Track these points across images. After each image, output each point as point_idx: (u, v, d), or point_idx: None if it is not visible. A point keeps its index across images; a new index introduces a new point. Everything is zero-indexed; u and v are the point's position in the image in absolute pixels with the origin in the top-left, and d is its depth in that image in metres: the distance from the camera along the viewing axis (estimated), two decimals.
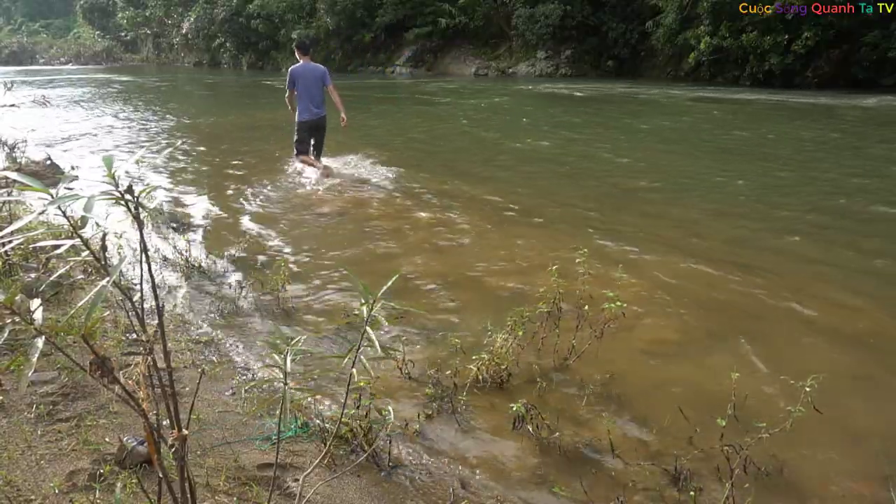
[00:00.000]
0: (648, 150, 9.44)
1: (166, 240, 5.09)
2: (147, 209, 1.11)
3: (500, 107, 16.21)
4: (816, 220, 5.76)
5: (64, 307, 3.36)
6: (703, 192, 6.85)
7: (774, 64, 19.55)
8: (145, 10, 46.24)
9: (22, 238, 1.16)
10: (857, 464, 2.43)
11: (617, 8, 25.63)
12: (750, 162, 8.38)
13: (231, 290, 4.06)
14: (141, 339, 1.22)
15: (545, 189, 7.02)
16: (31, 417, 2.31)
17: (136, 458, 2.03)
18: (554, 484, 2.30)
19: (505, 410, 2.68)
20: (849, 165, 8.18)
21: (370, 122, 12.83)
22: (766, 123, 12.15)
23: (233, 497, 2.01)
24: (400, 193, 6.82)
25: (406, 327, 3.55)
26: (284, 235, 5.38)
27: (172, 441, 1.28)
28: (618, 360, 3.16)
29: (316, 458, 2.22)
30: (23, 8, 70.11)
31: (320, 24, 32.80)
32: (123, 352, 2.90)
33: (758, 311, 3.77)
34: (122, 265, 1.09)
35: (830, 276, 4.35)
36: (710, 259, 4.65)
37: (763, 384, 2.93)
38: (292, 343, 1.43)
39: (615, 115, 14.13)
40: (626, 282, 3.78)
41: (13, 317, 1.06)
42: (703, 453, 2.43)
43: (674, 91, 19.08)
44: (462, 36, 30.58)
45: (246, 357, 3.17)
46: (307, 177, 7.46)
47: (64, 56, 50.70)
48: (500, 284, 4.21)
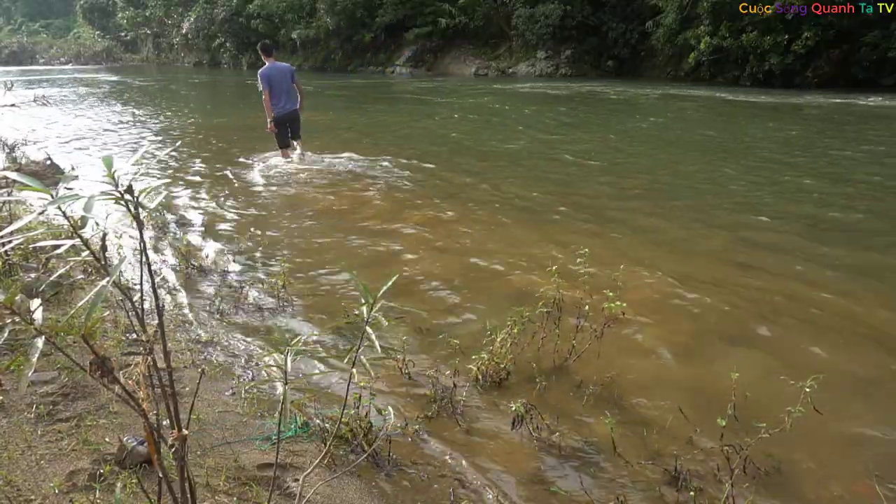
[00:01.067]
0: (647, 151, 9.44)
1: (166, 239, 5.09)
2: (147, 209, 1.11)
3: (500, 107, 16.20)
4: (813, 219, 5.77)
5: (64, 307, 3.36)
6: (704, 192, 6.84)
7: (774, 64, 19.56)
8: (145, 10, 46.27)
9: (22, 238, 1.16)
10: (858, 464, 2.43)
11: (617, 8, 25.64)
12: (755, 161, 8.38)
13: (231, 290, 4.06)
14: (141, 339, 1.22)
15: (545, 189, 7.02)
16: (31, 417, 2.31)
17: (136, 458, 2.03)
18: (554, 484, 2.30)
19: (505, 410, 2.68)
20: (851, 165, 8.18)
21: (369, 121, 12.83)
22: (791, 124, 12.15)
23: (233, 497, 2.01)
24: (399, 193, 6.82)
25: (406, 327, 3.55)
26: (284, 235, 5.39)
27: (172, 441, 1.29)
28: (617, 360, 3.16)
29: (316, 458, 2.22)
30: (23, 8, 70.15)
31: (320, 24, 32.81)
32: (123, 352, 2.90)
33: (757, 312, 3.77)
34: (122, 265, 1.09)
35: (830, 276, 4.35)
36: (709, 259, 4.65)
37: (763, 384, 2.93)
38: (292, 343, 1.43)
39: (616, 116, 14.14)
40: (626, 282, 3.78)
41: (13, 317, 1.06)
42: (703, 453, 2.43)
43: (671, 91, 19.10)
44: (462, 36, 30.59)
45: (246, 357, 3.17)
46: (290, 161, 8.16)
47: (64, 56, 50.74)
48: (499, 284, 4.22)
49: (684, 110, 14.52)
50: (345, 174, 7.77)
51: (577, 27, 25.90)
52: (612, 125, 12.56)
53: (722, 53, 20.99)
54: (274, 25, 35.37)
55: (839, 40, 18.87)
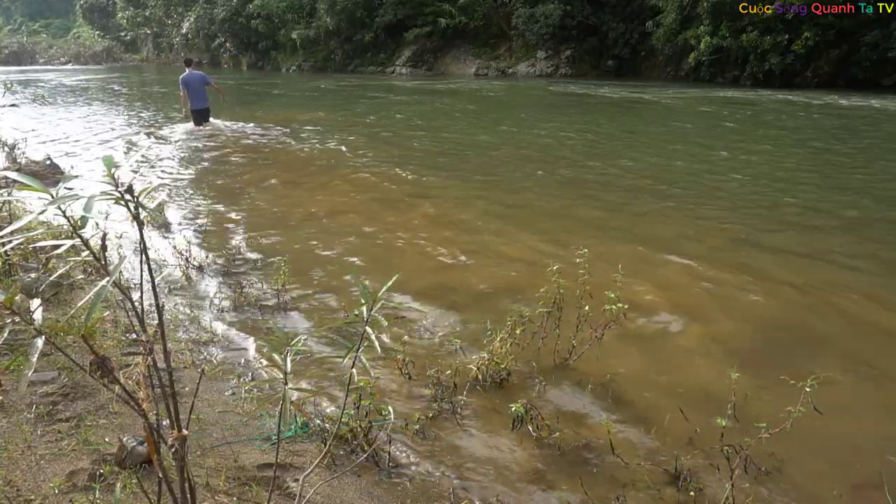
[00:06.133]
0: (649, 149, 9.44)
1: (166, 239, 5.09)
2: (147, 209, 1.11)
3: (502, 105, 16.20)
4: (809, 219, 5.77)
5: (64, 307, 3.36)
6: (702, 192, 6.84)
7: (774, 64, 19.58)
8: (145, 10, 46.28)
9: (22, 238, 1.16)
10: (857, 464, 2.43)
11: (617, 8, 25.66)
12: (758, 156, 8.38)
13: (231, 290, 4.05)
14: (141, 339, 1.22)
15: (545, 188, 7.01)
16: (31, 417, 2.31)
17: (136, 458, 2.03)
18: (554, 483, 2.30)
19: (505, 410, 2.68)
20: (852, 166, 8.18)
21: (367, 121, 12.83)
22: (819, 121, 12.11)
23: (233, 497, 2.01)
24: (398, 192, 6.82)
25: (406, 327, 3.55)
26: (284, 234, 5.38)
27: (172, 441, 1.28)
28: (617, 360, 3.16)
29: (316, 458, 2.22)
30: (23, 8, 70.15)
31: (320, 24, 32.81)
32: (123, 352, 2.90)
33: (757, 311, 3.77)
34: (122, 265, 1.09)
35: (830, 275, 4.35)
36: (709, 259, 4.65)
37: (763, 384, 2.93)
38: (292, 343, 1.43)
39: (612, 115, 14.14)
40: (626, 282, 3.77)
41: (13, 317, 1.06)
42: (703, 453, 2.43)
43: (667, 91, 19.09)
44: (462, 36, 30.60)
45: (246, 357, 3.17)
46: (200, 130, 11.11)
47: (64, 56, 50.73)
48: (500, 284, 4.21)
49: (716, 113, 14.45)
50: (343, 173, 7.79)
51: (577, 27, 25.94)
52: (618, 122, 12.56)
53: (722, 53, 21.01)
54: (274, 25, 35.38)
55: (839, 40, 18.88)
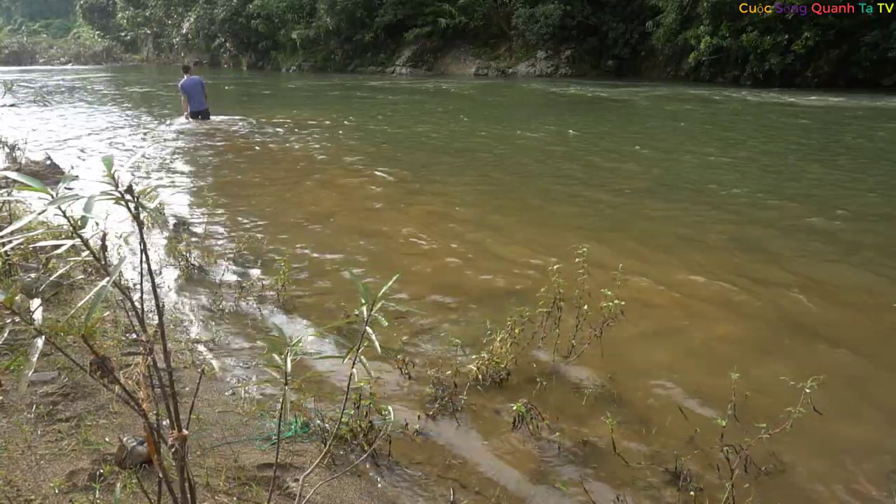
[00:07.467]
0: (650, 149, 9.44)
1: (166, 239, 5.09)
2: (147, 209, 1.11)
3: (503, 105, 16.20)
4: (809, 219, 5.77)
5: (64, 307, 3.36)
6: (701, 193, 6.84)
7: (774, 64, 19.57)
8: (145, 10, 46.27)
9: (22, 238, 1.16)
10: (857, 464, 2.43)
11: (617, 8, 25.65)
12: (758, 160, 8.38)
13: (231, 290, 4.06)
14: (141, 339, 1.22)
15: (546, 188, 7.02)
16: (31, 417, 2.31)
17: (136, 458, 2.03)
18: (554, 483, 2.30)
19: (505, 410, 2.68)
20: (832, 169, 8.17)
21: (367, 120, 12.83)
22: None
23: (233, 497, 2.01)
24: (398, 191, 6.82)
25: (406, 327, 3.55)
26: (284, 234, 5.38)
27: (172, 441, 1.28)
28: (617, 359, 3.16)
29: (316, 458, 2.22)
30: (23, 8, 70.16)
31: (320, 24, 32.80)
32: (123, 352, 2.90)
33: (757, 311, 3.77)
34: (121, 265, 1.09)
35: (830, 275, 4.35)
36: (709, 259, 4.65)
37: (763, 384, 2.92)
38: (292, 343, 1.43)
39: (612, 115, 14.14)
40: (626, 281, 3.77)
41: (13, 317, 1.06)
42: (703, 453, 2.43)
43: (667, 91, 19.09)
44: (462, 36, 30.59)
45: (246, 357, 3.17)
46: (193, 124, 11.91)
47: (64, 56, 50.72)
48: (499, 284, 4.21)
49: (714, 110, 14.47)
50: (344, 170, 7.79)
51: (577, 27, 25.93)
52: (606, 123, 12.56)
53: (722, 53, 21.01)
54: (274, 25, 35.37)
55: (839, 40, 18.88)
